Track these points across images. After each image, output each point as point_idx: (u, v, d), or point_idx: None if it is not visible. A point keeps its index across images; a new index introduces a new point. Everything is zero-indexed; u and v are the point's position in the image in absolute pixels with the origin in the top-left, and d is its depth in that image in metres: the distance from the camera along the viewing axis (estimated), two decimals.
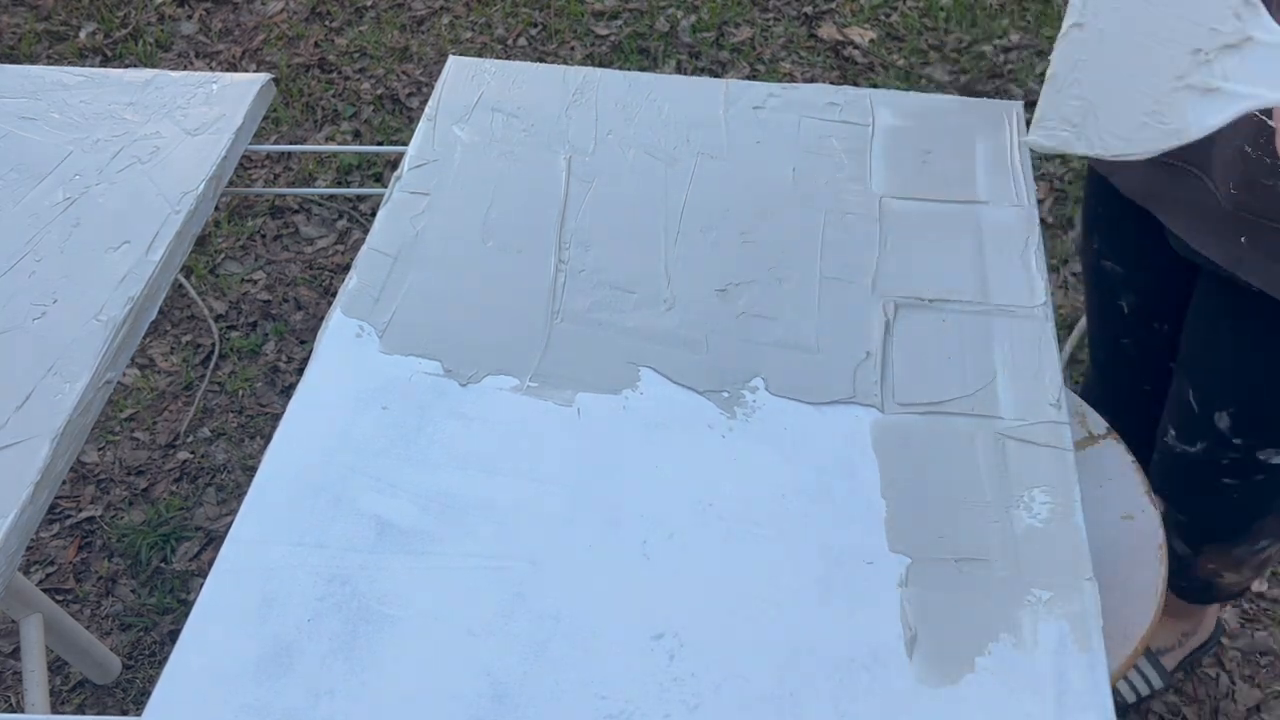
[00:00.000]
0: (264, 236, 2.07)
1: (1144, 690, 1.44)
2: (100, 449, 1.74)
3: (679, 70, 2.37)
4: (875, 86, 2.33)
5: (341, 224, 2.10)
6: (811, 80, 2.37)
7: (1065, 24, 0.72)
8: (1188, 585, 1.25)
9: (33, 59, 2.39)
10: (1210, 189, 0.85)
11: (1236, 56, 0.54)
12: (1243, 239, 0.85)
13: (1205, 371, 1.00)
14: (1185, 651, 1.45)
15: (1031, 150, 0.84)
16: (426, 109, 1.01)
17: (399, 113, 2.30)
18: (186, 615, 0.75)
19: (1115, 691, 1.42)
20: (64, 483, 1.51)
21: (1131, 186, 0.93)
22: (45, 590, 1.55)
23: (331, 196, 2.13)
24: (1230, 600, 1.30)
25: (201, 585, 0.70)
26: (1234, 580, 1.20)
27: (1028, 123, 0.99)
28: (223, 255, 2.03)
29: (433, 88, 1.35)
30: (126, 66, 2.05)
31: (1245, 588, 1.25)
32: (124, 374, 1.80)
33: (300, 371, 1.76)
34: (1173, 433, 1.06)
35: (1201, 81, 0.56)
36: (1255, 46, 0.53)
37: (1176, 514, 1.14)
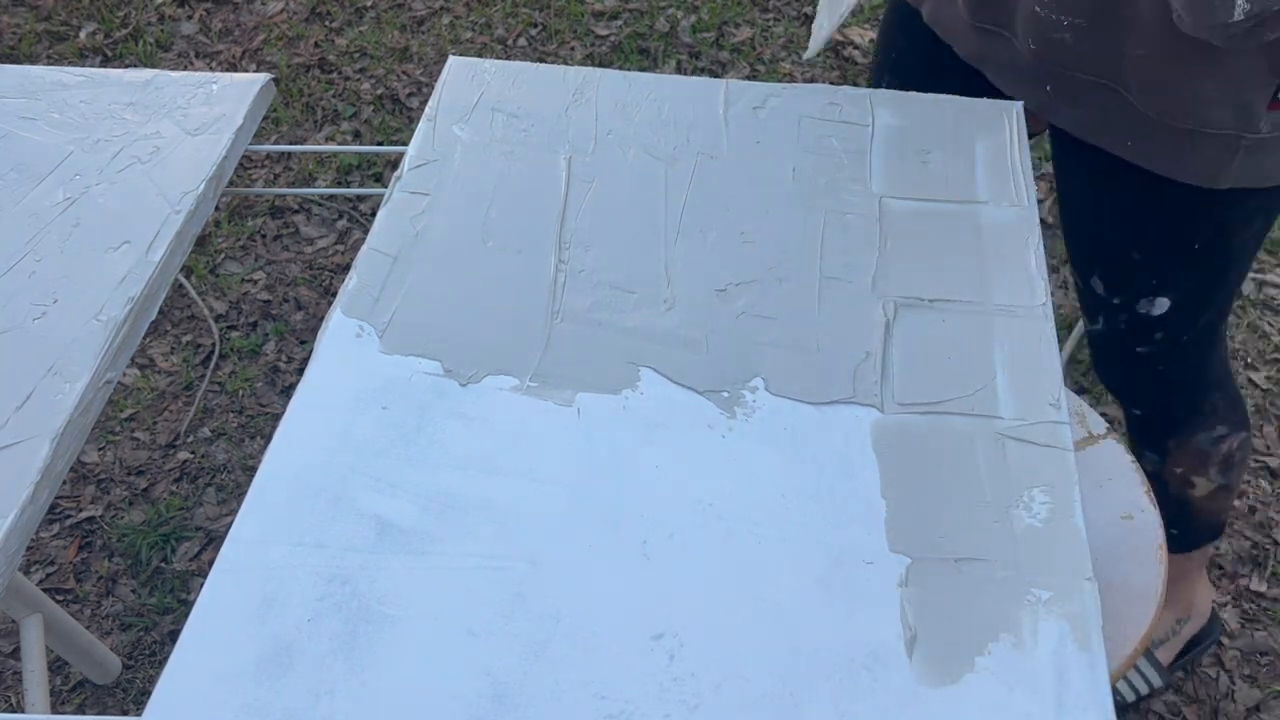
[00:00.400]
0: (264, 236, 2.07)
1: (1144, 690, 1.44)
2: (100, 449, 1.74)
3: (679, 70, 2.37)
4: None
5: (341, 224, 2.10)
6: (811, 80, 2.37)
7: None
8: (1166, 517, 1.25)
9: (33, 59, 2.39)
10: (1017, 47, 0.96)
11: None
12: (1048, 87, 0.97)
13: (1071, 236, 1.09)
14: (1181, 641, 1.45)
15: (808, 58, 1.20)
16: (426, 109, 1.01)
17: (399, 113, 2.30)
18: (186, 615, 0.75)
19: (1115, 691, 1.43)
20: (64, 483, 1.51)
21: (967, 50, 1.04)
22: (45, 590, 1.55)
23: (331, 196, 2.13)
24: (1209, 539, 1.30)
25: (201, 585, 0.70)
26: (1205, 490, 1.21)
27: (1029, 123, 1.00)
28: (223, 255, 2.03)
29: (433, 88, 1.34)
30: (126, 66, 2.05)
31: (1221, 517, 1.26)
32: (124, 374, 1.80)
33: (300, 371, 1.76)
34: (1083, 321, 1.14)
35: None
36: None
37: (1132, 409, 1.19)
